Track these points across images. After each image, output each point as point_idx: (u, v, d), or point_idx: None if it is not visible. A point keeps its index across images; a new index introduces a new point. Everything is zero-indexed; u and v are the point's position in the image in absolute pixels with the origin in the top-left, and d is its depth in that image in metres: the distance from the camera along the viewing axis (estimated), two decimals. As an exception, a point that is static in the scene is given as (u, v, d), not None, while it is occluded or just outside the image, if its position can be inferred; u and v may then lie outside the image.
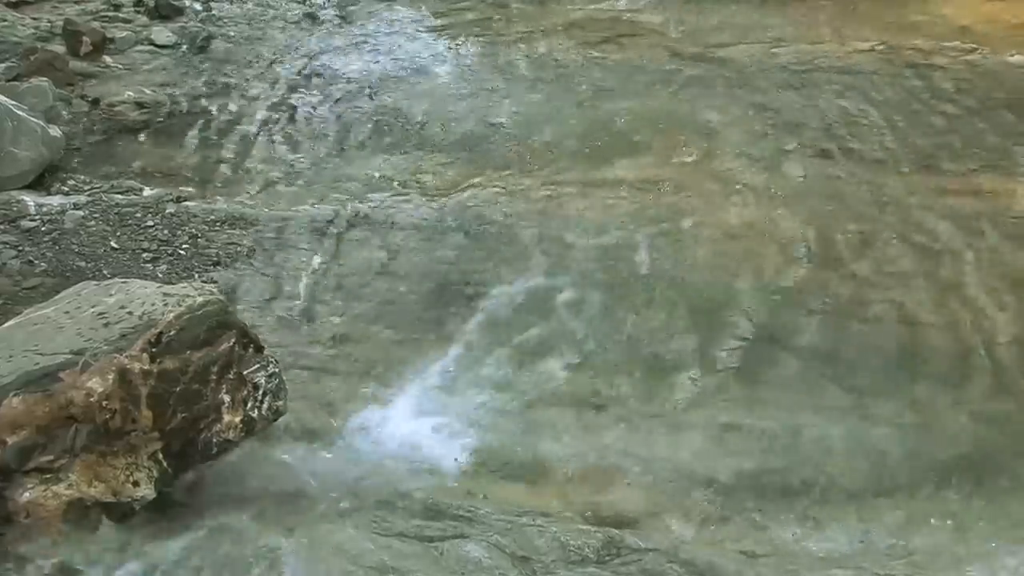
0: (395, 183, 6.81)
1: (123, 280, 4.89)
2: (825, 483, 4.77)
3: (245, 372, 4.61)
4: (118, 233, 6.16)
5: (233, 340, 4.56)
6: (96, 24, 8.33)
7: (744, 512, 4.64)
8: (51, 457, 4.13)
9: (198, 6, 8.84)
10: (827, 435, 4.99)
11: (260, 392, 4.66)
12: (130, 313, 4.42)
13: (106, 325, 4.37)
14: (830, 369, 5.33)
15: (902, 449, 4.91)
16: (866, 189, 6.58)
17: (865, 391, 5.21)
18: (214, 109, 7.56)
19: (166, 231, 6.22)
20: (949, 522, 4.59)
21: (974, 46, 7.83)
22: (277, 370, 4.76)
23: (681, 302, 5.76)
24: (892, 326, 5.58)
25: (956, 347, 5.44)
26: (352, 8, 8.84)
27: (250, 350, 4.65)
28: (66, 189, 6.60)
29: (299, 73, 7.99)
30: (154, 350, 4.30)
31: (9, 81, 7.46)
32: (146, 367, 4.27)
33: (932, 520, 4.59)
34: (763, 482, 4.78)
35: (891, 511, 4.63)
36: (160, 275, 5.81)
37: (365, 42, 8.39)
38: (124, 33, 8.33)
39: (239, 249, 6.16)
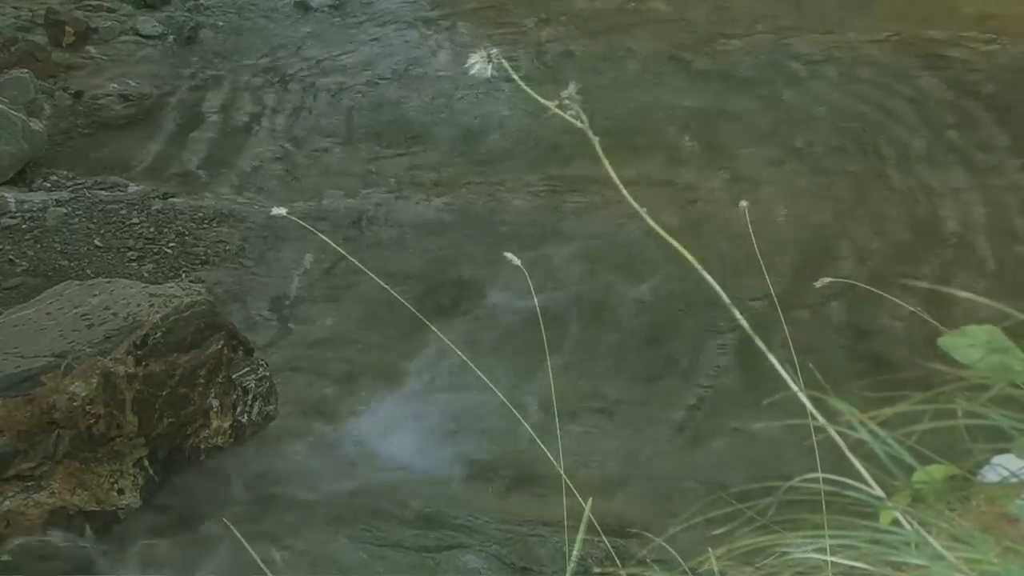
0: (391, 180, 6.68)
1: (107, 280, 4.83)
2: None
3: (234, 375, 4.54)
4: (102, 231, 6.05)
5: (222, 342, 4.49)
6: (79, 13, 8.18)
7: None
8: (32, 464, 4.06)
9: (185, -6, 8.74)
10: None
11: (250, 396, 4.60)
12: (114, 314, 4.34)
13: (89, 327, 4.29)
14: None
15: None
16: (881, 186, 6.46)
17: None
18: (202, 102, 7.41)
19: (152, 229, 6.10)
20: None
21: (993, 36, 7.69)
22: (267, 374, 4.69)
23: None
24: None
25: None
26: (345, -4, 8.80)
27: (239, 352, 4.59)
28: (48, 185, 6.46)
29: (290, 65, 7.87)
30: (139, 353, 4.23)
31: (-11, 73, 7.34)
32: (131, 370, 4.19)
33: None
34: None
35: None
36: (146, 274, 5.69)
37: (359, 33, 8.29)
38: (108, 23, 8.20)
39: (228, 247, 6.04)
